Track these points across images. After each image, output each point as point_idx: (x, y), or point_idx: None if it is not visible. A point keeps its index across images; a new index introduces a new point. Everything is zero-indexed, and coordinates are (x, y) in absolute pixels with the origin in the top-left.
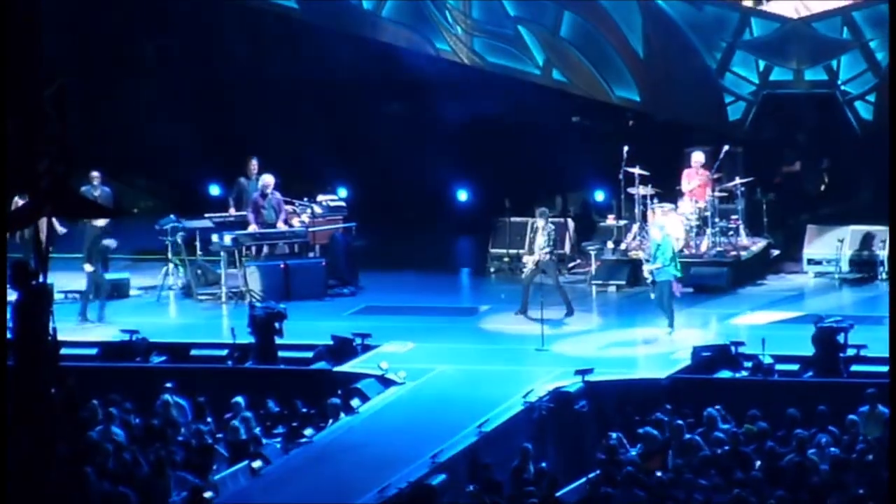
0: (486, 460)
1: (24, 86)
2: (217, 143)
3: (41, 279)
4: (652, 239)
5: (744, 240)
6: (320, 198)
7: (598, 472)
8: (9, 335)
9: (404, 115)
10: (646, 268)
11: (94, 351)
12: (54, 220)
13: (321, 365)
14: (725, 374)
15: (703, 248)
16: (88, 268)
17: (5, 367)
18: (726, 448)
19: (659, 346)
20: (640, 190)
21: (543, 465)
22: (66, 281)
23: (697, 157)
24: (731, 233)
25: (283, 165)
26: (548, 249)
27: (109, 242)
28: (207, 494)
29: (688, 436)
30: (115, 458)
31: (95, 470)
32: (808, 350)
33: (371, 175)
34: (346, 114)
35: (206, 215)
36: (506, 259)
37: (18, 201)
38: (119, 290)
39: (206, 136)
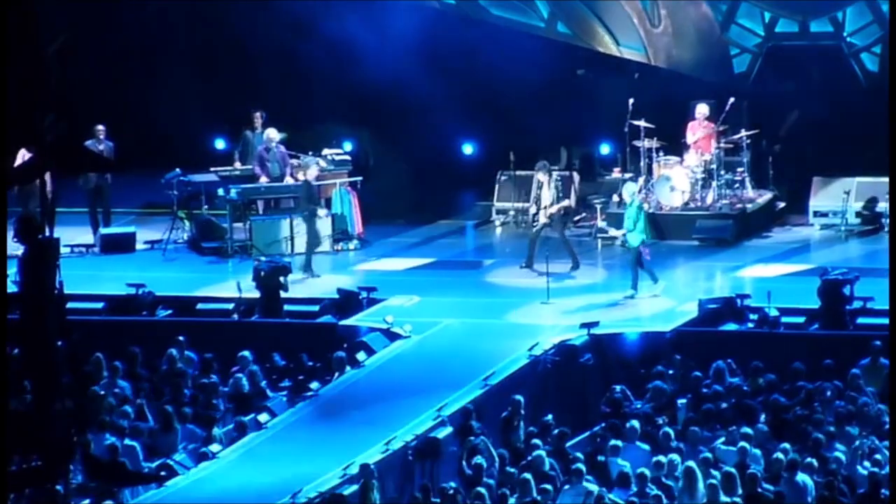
0: (490, 413)
1: (27, 41)
2: (222, 97)
3: (48, 233)
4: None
5: (749, 192)
6: (326, 152)
7: (602, 424)
8: (16, 288)
9: (409, 70)
10: (615, 232)
11: (100, 305)
12: None
13: (327, 319)
14: (731, 326)
15: (709, 200)
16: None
17: (5, 357)
18: (732, 401)
19: (664, 300)
20: (646, 143)
21: (549, 417)
22: (72, 235)
23: (702, 109)
24: (736, 185)
25: (289, 119)
26: (558, 204)
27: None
28: (214, 447)
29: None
30: (121, 412)
31: (101, 423)
32: (814, 302)
33: (376, 129)
34: (351, 68)
35: (212, 169)
36: (511, 213)
37: (25, 155)
38: (125, 244)
39: (210, 89)
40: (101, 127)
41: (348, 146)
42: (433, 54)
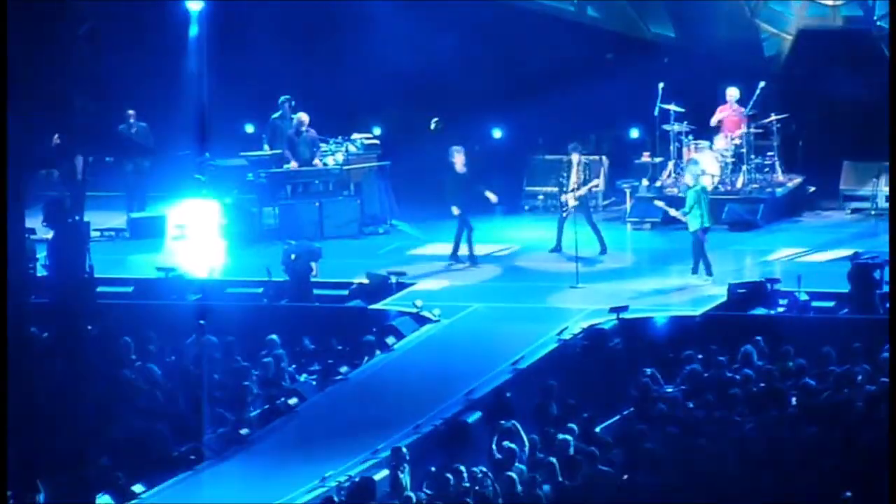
0: (520, 397)
1: (59, 25)
2: (251, 80)
3: (77, 217)
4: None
5: (779, 176)
6: (355, 136)
7: (631, 409)
8: (45, 272)
9: (438, 54)
10: (675, 213)
11: (130, 289)
12: None
13: (356, 303)
14: (761, 311)
15: (739, 184)
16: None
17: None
18: (762, 385)
19: (693, 284)
20: (675, 127)
21: (571, 400)
22: (102, 219)
23: (732, 93)
24: (766, 169)
25: (318, 103)
26: (586, 186)
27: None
28: (243, 431)
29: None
30: (150, 395)
31: (130, 406)
32: (844, 287)
33: (405, 113)
34: (382, 52)
35: (241, 154)
36: (540, 197)
37: (56, 139)
38: (155, 229)
39: (239, 72)
40: (131, 111)
41: (377, 130)
42: (462, 38)
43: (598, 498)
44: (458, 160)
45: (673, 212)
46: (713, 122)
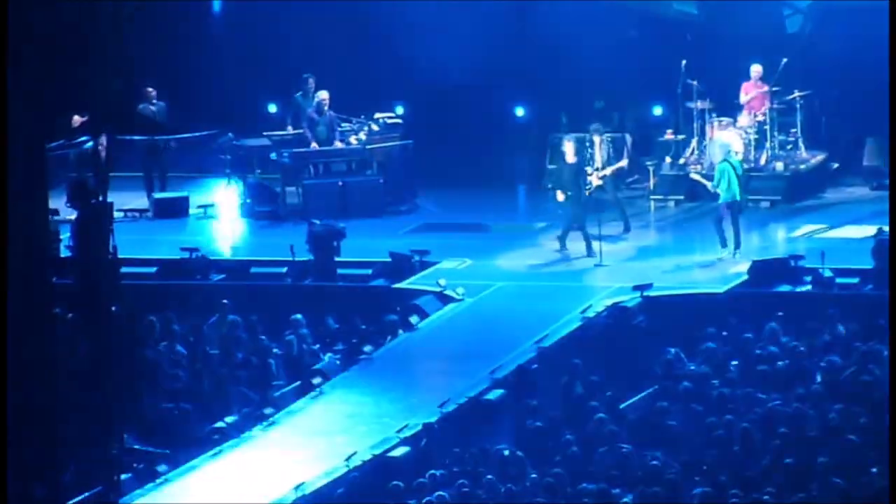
0: (544, 375)
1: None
2: (273, 60)
3: (101, 198)
4: None
5: (803, 153)
6: (378, 115)
7: (655, 386)
8: (69, 253)
9: (461, 32)
10: (708, 183)
11: (153, 269)
12: None
13: (380, 282)
14: (784, 287)
15: (762, 161)
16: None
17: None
18: (786, 362)
19: (718, 260)
20: (699, 104)
21: (595, 378)
22: (125, 199)
23: (756, 69)
24: (789, 146)
25: (340, 83)
26: (611, 166)
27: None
28: (267, 410)
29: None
30: (175, 376)
31: (155, 386)
32: (868, 263)
33: (428, 92)
34: (404, 31)
35: (264, 133)
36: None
37: (77, 119)
38: (178, 209)
39: (262, 52)
40: (151, 89)
41: (399, 109)
42: (485, 16)
43: (621, 475)
44: (569, 149)
45: (708, 185)
46: (742, 100)
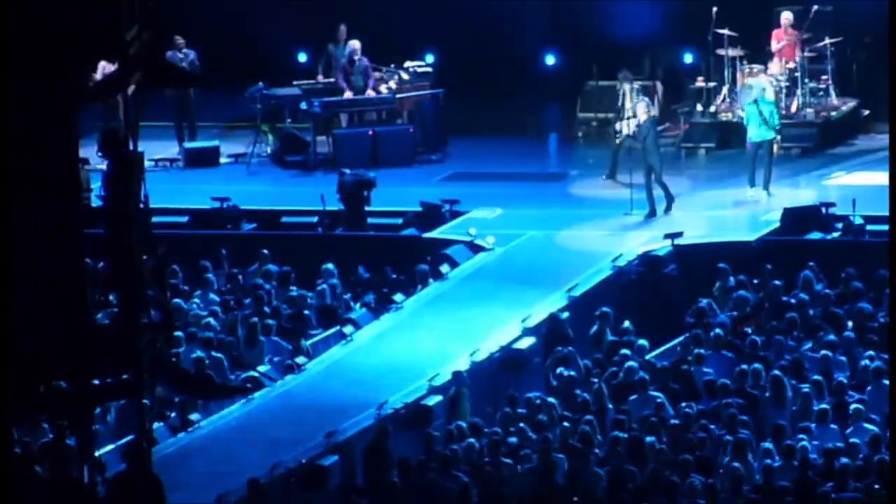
0: (574, 324)
1: None
2: (304, 9)
3: (132, 147)
4: None
5: (834, 100)
6: (408, 64)
7: (687, 335)
8: (100, 203)
9: None
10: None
11: (184, 219)
12: None
13: (410, 231)
14: (816, 235)
15: (793, 108)
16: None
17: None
18: (818, 309)
19: (749, 209)
20: (730, 51)
21: (627, 324)
22: (156, 149)
23: (787, 16)
24: (820, 93)
25: (371, 31)
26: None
27: None
28: (300, 359)
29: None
30: (207, 325)
31: (188, 336)
32: None
33: (458, 40)
34: None
35: (295, 83)
36: (594, 123)
37: (107, 68)
38: (209, 158)
39: (293, 1)
40: (179, 38)
41: (430, 58)
42: None
43: (653, 425)
44: (642, 111)
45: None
46: (773, 47)
